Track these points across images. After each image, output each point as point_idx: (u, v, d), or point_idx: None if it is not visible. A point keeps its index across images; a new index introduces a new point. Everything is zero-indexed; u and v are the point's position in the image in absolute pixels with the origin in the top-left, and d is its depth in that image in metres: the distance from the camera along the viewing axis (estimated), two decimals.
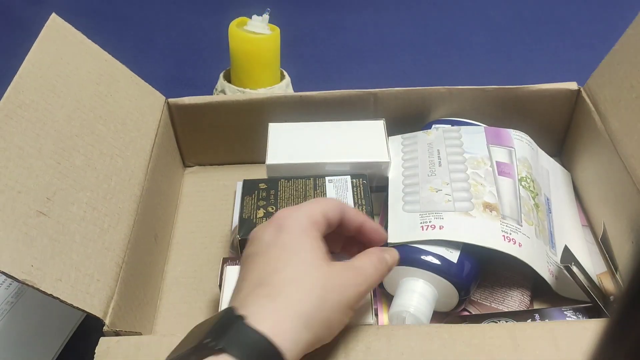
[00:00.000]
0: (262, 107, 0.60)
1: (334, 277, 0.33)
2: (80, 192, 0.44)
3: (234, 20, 0.67)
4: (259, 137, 0.56)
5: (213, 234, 0.59)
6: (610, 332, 0.17)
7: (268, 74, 0.69)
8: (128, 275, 0.45)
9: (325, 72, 0.85)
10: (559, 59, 0.86)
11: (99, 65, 0.53)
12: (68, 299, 0.38)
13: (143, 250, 0.49)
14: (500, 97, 0.60)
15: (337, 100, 0.60)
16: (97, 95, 0.51)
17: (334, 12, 1.00)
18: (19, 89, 0.43)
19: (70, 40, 0.51)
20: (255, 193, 0.50)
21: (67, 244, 0.40)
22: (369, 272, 0.36)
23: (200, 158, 0.66)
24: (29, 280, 0.36)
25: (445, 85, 0.60)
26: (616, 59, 0.54)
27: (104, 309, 0.40)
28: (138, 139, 0.53)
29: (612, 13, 0.96)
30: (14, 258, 0.36)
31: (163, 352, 0.38)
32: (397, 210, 0.49)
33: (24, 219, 0.38)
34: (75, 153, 0.45)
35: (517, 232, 0.46)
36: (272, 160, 0.53)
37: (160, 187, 0.56)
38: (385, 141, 0.55)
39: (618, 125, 0.52)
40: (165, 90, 0.61)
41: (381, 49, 0.91)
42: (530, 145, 0.55)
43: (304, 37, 0.93)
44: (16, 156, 0.40)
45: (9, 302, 0.52)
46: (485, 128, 0.55)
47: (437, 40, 0.93)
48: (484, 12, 0.99)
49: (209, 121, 0.62)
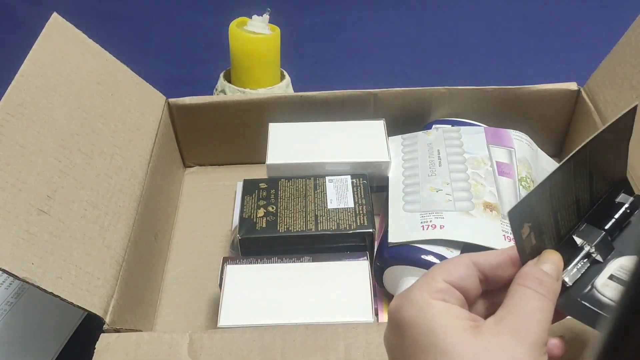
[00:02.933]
0: (262, 107, 0.60)
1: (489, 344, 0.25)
2: (80, 190, 0.44)
3: (234, 20, 0.67)
4: (259, 137, 0.56)
5: (213, 234, 0.59)
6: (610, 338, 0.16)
7: (268, 74, 0.69)
8: (128, 274, 0.45)
9: (325, 72, 0.86)
10: (559, 59, 0.87)
11: (99, 65, 0.53)
12: (68, 297, 0.38)
13: (143, 249, 0.49)
14: (500, 97, 0.60)
15: (337, 100, 0.60)
16: (97, 94, 0.51)
17: (334, 11, 1.01)
18: (20, 88, 0.43)
19: (71, 39, 0.51)
20: (256, 193, 0.50)
21: (68, 241, 0.40)
22: (531, 306, 0.27)
23: (200, 158, 0.66)
24: (29, 278, 0.36)
25: (445, 85, 0.60)
26: (616, 60, 0.54)
27: (104, 307, 0.40)
28: (138, 138, 0.53)
29: (612, 13, 0.97)
30: (14, 256, 0.36)
31: (163, 349, 0.38)
32: (398, 210, 0.50)
33: (25, 216, 0.38)
34: (76, 152, 0.45)
35: None
36: (272, 160, 0.53)
37: (160, 187, 0.56)
38: (385, 141, 0.55)
39: None
40: (166, 90, 0.61)
41: (381, 49, 0.91)
42: (530, 145, 0.55)
43: (304, 37, 0.93)
44: (17, 154, 0.40)
45: (9, 302, 0.52)
46: (485, 128, 0.55)
47: (437, 40, 0.93)
48: (484, 12, 0.99)
49: (209, 121, 0.62)
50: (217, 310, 0.43)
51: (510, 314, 0.26)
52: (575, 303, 0.29)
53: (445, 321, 0.26)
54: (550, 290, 0.27)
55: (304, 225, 0.48)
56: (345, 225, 0.48)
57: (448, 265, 0.29)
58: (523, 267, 0.29)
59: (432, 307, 0.27)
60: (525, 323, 0.26)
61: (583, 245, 0.31)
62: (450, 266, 0.29)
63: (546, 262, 0.29)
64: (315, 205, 0.49)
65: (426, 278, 0.28)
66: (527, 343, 0.25)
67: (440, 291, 0.28)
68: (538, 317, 0.26)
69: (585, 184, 0.31)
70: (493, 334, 0.26)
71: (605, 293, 0.30)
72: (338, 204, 0.49)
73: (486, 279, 0.29)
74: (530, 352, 0.25)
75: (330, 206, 0.49)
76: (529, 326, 0.26)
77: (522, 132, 0.56)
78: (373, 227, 0.47)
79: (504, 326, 0.26)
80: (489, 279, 0.30)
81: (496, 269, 0.29)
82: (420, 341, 0.26)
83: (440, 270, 0.29)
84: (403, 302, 0.28)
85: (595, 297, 0.30)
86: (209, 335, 0.39)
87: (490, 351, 0.25)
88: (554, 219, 0.30)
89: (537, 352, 0.25)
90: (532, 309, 0.26)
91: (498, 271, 0.29)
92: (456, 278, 0.28)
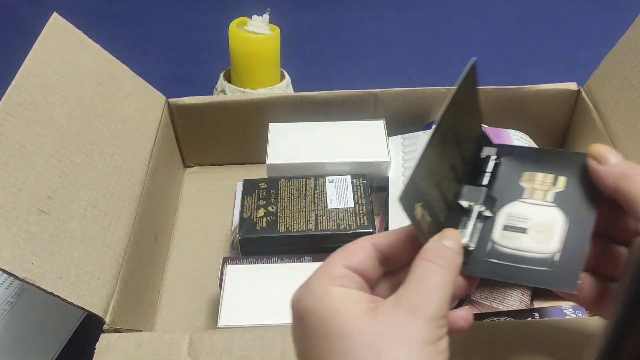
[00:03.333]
0: (262, 107, 0.60)
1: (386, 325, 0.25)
2: (80, 190, 0.44)
3: (234, 20, 0.67)
4: (259, 137, 0.56)
5: (213, 234, 0.59)
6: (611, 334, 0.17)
7: (268, 74, 0.69)
8: (128, 274, 0.45)
9: (325, 72, 0.86)
10: (559, 59, 0.87)
11: (99, 65, 0.53)
12: (68, 297, 0.38)
13: (143, 249, 0.49)
14: (500, 97, 0.60)
15: (337, 100, 0.60)
16: (98, 94, 0.51)
17: (334, 11, 1.01)
18: (20, 88, 0.43)
19: (72, 39, 0.51)
20: (256, 193, 0.50)
21: (68, 241, 0.40)
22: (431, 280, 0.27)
23: (200, 158, 0.66)
24: (29, 278, 0.36)
25: (445, 85, 0.60)
26: (616, 59, 0.54)
27: (104, 307, 0.40)
28: (138, 138, 0.53)
29: (612, 13, 0.97)
30: (14, 256, 0.36)
31: (163, 349, 0.38)
32: (398, 210, 0.49)
33: (25, 216, 0.38)
34: (76, 151, 0.45)
35: None
36: (273, 160, 0.53)
37: (160, 187, 0.56)
38: (385, 141, 0.55)
39: (618, 126, 0.52)
40: (166, 90, 0.61)
41: (381, 49, 0.91)
42: (530, 145, 0.55)
43: (304, 37, 0.93)
44: (17, 154, 0.40)
45: (9, 302, 0.52)
46: (486, 128, 0.55)
47: (437, 39, 0.93)
48: (484, 12, 0.99)
49: (209, 121, 0.62)
50: (217, 310, 0.43)
51: (409, 292, 0.26)
52: (483, 262, 0.30)
53: (343, 307, 0.26)
54: (452, 263, 0.28)
55: (304, 225, 0.48)
56: (345, 225, 0.48)
57: (346, 250, 0.29)
58: (426, 244, 0.29)
59: (330, 294, 0.27)
60: (422, 298, 0.26)
61: (471, 206, 0.32)
62: (348, 251, 0.29)
63: (447, 238, 0.29)
64: (315, 205, 0.49)
65: (325, 265, 0.28)
66: (424, 317, 0.25)
67: (338, 277, 0.28)
68: (436, 291, 0.26)
69: (454, 150, 0.32)
70: (390, 313, 0.25)
71: (505, 244, 0.31)
72: (338, 204, 0.49)
73: (387, 259, 0.30)
74: (426, 326, 0.25)
75: (330, 206, 0.49)
76: (426, 301, 0.26)
77: (522, 132, 0.56)
78: (373, 227, 0.48)
79: (401, 304, 0.26)
80: (389, 259, 0.30)
81: (395, 247, 0.30)
82: (319, 330, 0.26)
83: (339, 256, 0.29)
84: (302, 292, 0.27)
85: (498, 251, 0.30)
86: (209, 335, 0.39)
87: (387, 333, 0.25)
88: (439, 191, 0.30)
89: (434, 325, 0.25)
90: (432, 283, 0.26)
91: (397, 250, 0.30)
92: (355, 262, 0.28)
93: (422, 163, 0.29)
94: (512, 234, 0.31)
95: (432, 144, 0.29)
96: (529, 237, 0.30)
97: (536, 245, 0.30)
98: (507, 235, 0.31)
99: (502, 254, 0.30)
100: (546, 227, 0.31)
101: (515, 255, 0.30)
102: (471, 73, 0.33)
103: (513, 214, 0.32)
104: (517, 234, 0.31)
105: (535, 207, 0.32)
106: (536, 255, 0.30)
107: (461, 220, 0.32)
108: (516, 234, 0.31)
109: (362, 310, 0.26)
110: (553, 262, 0.29)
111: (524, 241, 0.30)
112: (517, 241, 0.31)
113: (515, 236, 0.31)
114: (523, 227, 0.31)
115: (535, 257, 0.30)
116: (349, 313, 0.26)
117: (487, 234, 0.31)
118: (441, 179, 0.31)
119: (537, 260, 0.30)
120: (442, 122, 0.30)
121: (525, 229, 0.31)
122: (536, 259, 0.30)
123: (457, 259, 0.28)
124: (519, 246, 0.30)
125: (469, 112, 0.33)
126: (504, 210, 0.32)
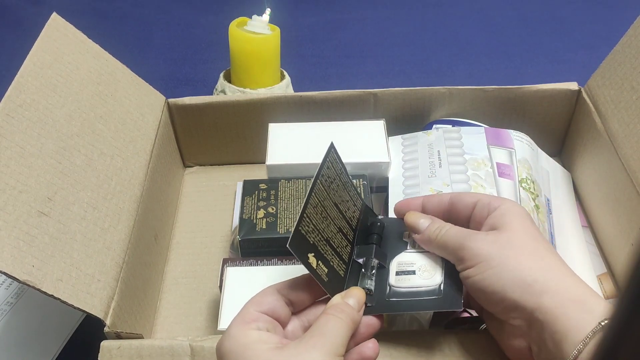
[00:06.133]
0: (262, 107, 0.60)
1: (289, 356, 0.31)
2: (80, 191, 0.44)
3: (234, 20, 0.67)
4: (259, 137, 0.56)
5: (213, 234, 0.59)
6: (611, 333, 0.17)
7: (268, 74, 0.69)
8: (128, 275, 0.45)
9: (325, 72, 0.86)
10: (559, 59, 0.87)
11: (99, 65, 0.53)
12: (69, 299, 0.38)
13: (143, 250, 0.49)
14: (500, 97, 0.60)
15: (337, 100, 0.60)
16: (97, 94, 0.51)
17: (334, 11, 1.00)
18: (20, 89, 0.43)
19: (71, 39, 0.51)
20: (256, 193, 0.50)
21: (68, 243, 0.40)
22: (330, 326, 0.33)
23: (200, 158, 0.66)
24: (29, 280, 0.36)
25: (445, 85, 0.60)
26: (617, 60, 0.54)
27: (104, 310, 0.40)
28: (138, 139, 0.53)
29: (613, 13, 0.97)
30: (15, 258, 0.36)
31: (165, 357, 0.38)
32: None
33: (25, 218, 0.38)
34: (76, 153, 0.45)
35: None
36: (272, 161, 0.53)
37: (161, 187, 0.56)
38: (385, 141, 0.55)
39: (618, 126, 0.52)
40: (165, 90, 0.61)
41: (381, 49, 0.91)
42: (530, 145, 0.55)
43: (304, 37, 0.93)
44: (17, 155, 0.40)
45: (9, 303, 0.52)
46: (486, 129, 0.55)
47: (437, 40, 0.93)
48: (484, 12, 0.99)
49: (209, 121, 0.62)
50: (217, 311, 0.43)
51: (310, 333, 0.32)
52: (385, 302, 0.37)
53: (256, 344, 0.31)
54: (349, 317, 0.33)
55: None
56: None
57: (258, 297, 0.35)
58: (331, 300, 0.35)
59: (245, 336, 0.32)
60: (322, 337, 0.31)
61: (367, 260, 0.39)
62: (259, 297, 0.35)
63: (351, 296, 0.35)
64: None
65: (241, 312, 0.34)
66: (321, 350, 0.31)
67: (253, 320, 0.33)
68: (334, 334, 0.32)
69: (337, 214, 0.39)
70: (294, 348, 0.31)
71: (400, 285, 0.38)
72: None
73: (291, 302, 0.35)
74: (324, 357, 0.30)
75: None
76: (325, 340, 0.31)
77: (522, 132, 0.56)
78: None
79: (303, 341, 0.31)
80: (294, 302, 0.35)
81: (295, 292, 0.35)
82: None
83: (253, 302, 0.34)
84: (224, 337, 0.33)
85: (396, 291, 0.38)
86: (210, 339, 0.39)
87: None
88: (330, 246, 0.37)
89: (330, 358, 0.31)
90: (330, 328, 0.32)
91: (299, 294, 0.35)
92: (265, 306, 0.34)
93: (305, 219, 0.35)
94: (404, 276, 0.39)
95: (311, 205, 0.36)
96: (418, 277, 0.38)
97: (424, 281, 0.38)
98: (401, 278, 0.38)
99: (400, 292, 0.38)
100: (429, 266, 0.39)
101: (410, 292, 0.38)
102: (331, 155, 0.39)
103: (402, 261, 0.40)
104: (409, 276, 0.38)
105: (418, 254, 0.40)
106: (426, 288, 0.37)
107: (361, 274, 0.39)
108: (408, 276, 0.38)
109: (272, 347, 0.31)
110: (440, 290, 0.37)
111: (415, 280, 0.38)
112: (409, 281, 0.38)
113: (407, 278, 0.38)
114: (412, 270, 0.39)
115: (425, 289, 0.37)
116: (260, 350, 0.31)
117: (385, 281, 0.39)
118: (330, 236, 0.37)
119: (427, 292, 0.37)
120: (313, 190, 0.36)
121: (414, 271, 0.39)
122: (426, 291, 0.37)
123: (357, 315, 0.34)
124: (411, 285, 0.38)
125: (343, 186, 0.40)
126: (395, 260, 0.40)
